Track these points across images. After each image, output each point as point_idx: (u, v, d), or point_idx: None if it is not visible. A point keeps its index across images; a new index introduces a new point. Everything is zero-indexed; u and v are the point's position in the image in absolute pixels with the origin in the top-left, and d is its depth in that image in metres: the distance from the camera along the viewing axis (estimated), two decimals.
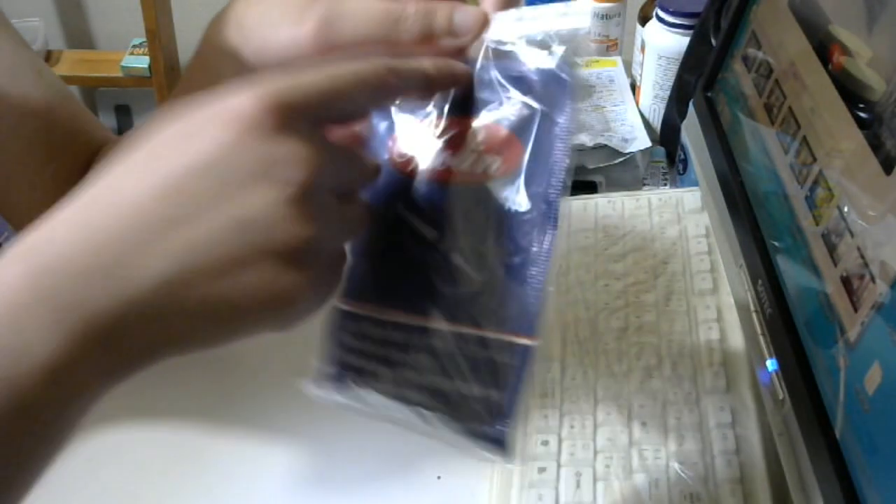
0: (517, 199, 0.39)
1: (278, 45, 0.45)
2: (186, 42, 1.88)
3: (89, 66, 1.92)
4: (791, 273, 0.54)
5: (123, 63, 1.85)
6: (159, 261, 0.33)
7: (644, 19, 0.92)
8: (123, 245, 0.33)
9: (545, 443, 0.58)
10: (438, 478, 0.60)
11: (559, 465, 0.57)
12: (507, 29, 0.42)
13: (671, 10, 0.86)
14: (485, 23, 0.42)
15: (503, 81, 0.41)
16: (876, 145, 0.47)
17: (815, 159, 0.53)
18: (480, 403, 0.38)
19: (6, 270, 0.32)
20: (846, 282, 0.47)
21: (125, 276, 0.33)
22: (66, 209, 0.34)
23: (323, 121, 0.37)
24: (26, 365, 0.31)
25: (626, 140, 0.86)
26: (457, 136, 0.41)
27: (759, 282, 0.57)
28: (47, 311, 0.32)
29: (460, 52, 0.43)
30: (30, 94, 0.66)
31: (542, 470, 0.56)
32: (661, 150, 0.88)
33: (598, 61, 0.99)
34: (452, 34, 0.43)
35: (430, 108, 0.41)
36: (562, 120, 0.40)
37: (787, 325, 0.53)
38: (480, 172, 0.40)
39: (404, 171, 0.41)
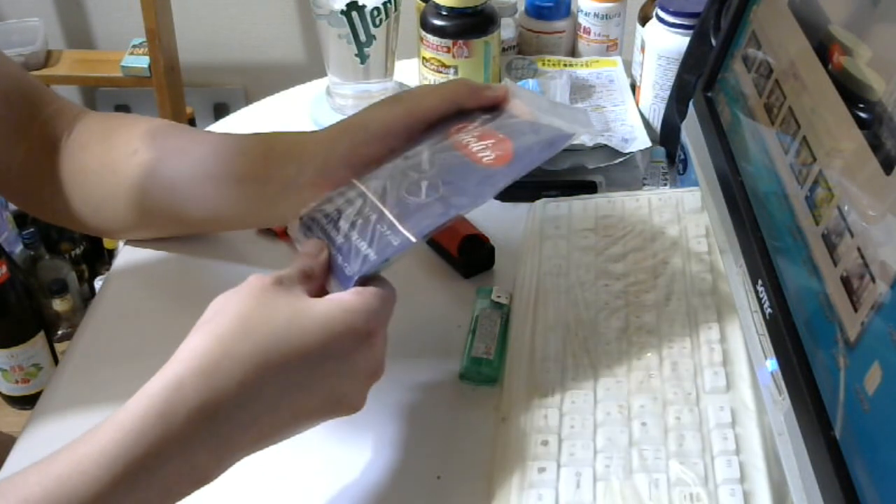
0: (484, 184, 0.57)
1: (377, 122, 0.63)
2: (186, 42, 1.88)
3: (89, 66, 1.92)
4: (791, 273, 0.54)
5: (123, 63, 1.85)
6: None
7: (644, 19, 0.92)
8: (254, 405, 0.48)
9: (545, 443, 0.58)
10: (438, 478, 0.60)
11: (559, 465, 0.57)
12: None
13: (671, 10, 0.86)
14: (506, 96, 0.63)
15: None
16: (876, 145, 0.47)
17: (815, 159, 0.53)
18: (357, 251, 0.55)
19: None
20: (846, 282, 0.47)
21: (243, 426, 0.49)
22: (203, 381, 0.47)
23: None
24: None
25: (626, 140, 0.86)
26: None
27: (759, 282, 0.57)
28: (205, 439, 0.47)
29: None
30: None
31: (542, 470, 0.56)
32: (661, 150, 0.88)
33: (598, 61, 0.99)
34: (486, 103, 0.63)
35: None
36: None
37: (787, 325, 0.53)
38: (475, 153, 0.58)
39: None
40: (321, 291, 0.55)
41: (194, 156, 0.70)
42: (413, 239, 0.53)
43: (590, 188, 0.83)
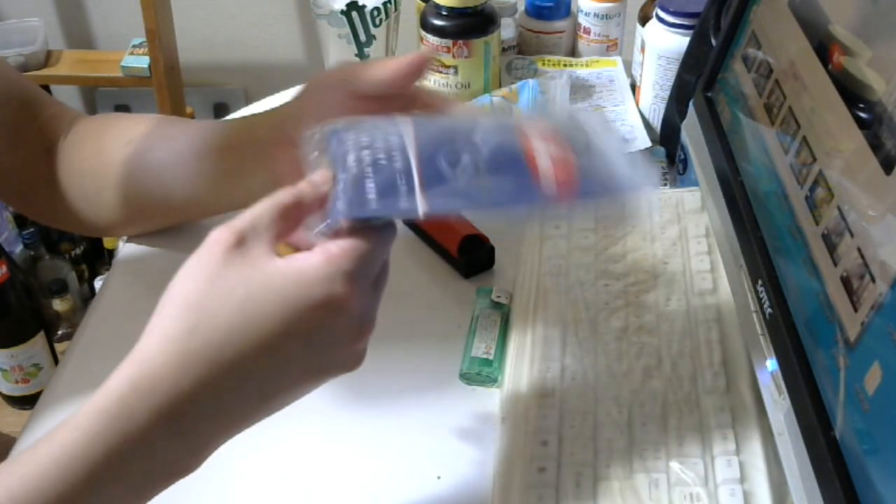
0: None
1: (333, 99, 0.60)
2: (186, 42, 1.88)
3: (89, 66, 1.92)
4: (791, 273, 0.54)
5: (123, 63, 1.85)
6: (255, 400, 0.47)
7: (644, 19, 0.92)
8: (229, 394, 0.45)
9: (545, 443, 0.58)
10: (438, 478, 0.60)
11: (559, 465, 0.57)
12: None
13: (671, 10, 0.86)
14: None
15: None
16: (876, 145, 0.47)
17: (815, 159, 0.53)
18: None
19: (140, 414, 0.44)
20: (846, 282, 0.47)
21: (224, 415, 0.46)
22: (172, 359, 0.44)
23: (371, 277, 0.48)
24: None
25: (626, 140, 0.86)
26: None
27: (759, 282, 0.57)
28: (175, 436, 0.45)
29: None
30: None
31: (542, 470, 0.56)
32: (661, 150, 0.88)
33: (598, 61, 0.99)
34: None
35: None
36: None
37: (787, 325, 0.53)
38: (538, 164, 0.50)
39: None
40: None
41: (181, 140, 0.70)
42: (421, 213, 0.47)
43: None
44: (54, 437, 0.44)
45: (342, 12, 0.90)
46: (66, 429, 0.44)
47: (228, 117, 1.02)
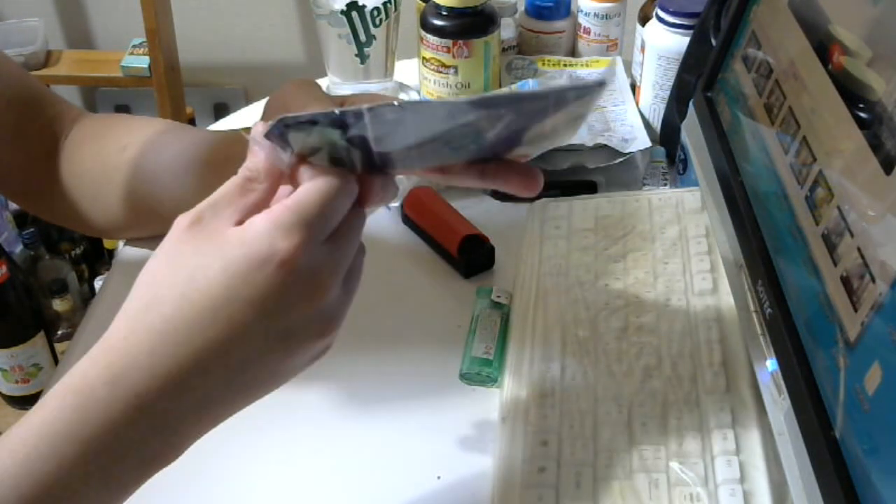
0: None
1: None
2: (186, 42, 1.88)
3: (89, 66, 1.92)
4: (791, 273, 0.54)
5: (123, 63, 1.85)
6: (220, 381, 0.45)
7: (644, 19, 0.92)
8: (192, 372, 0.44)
9: (545, 443, 0.58)
10: (438, 478, 0.60)
11: (559, 465, 0.57)
12: None
13: (671, 10, 0.86)
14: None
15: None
16: (876, 145, 0.47)
17: (815, 159, 0.53)
18: None
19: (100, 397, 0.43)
20: (846, 282, 0.47)
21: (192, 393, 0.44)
22: (141, 341, 0.44)
23: (325, 235, 0.45)
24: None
25: (626, 140, 0.86)
26: None
27: (759, 282, 0.57)
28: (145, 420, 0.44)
29: None
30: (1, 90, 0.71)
31: (542, 470, 0.56)
32: (661, 150, 0.88)
33: (598, 61, 0.99)
34: None
35: None
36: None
37: (787, 325, 0.53)
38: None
39: None
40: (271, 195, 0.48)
41: (174, 149, 0.71)
42: (366, 115, 0.42)
43: (590, 188, 0.83)
44: (24, 419, 0.44)
45: (342, 12, 0.90)
46: (34, 409, 0.44)
47: (229, 118, 1.02)
